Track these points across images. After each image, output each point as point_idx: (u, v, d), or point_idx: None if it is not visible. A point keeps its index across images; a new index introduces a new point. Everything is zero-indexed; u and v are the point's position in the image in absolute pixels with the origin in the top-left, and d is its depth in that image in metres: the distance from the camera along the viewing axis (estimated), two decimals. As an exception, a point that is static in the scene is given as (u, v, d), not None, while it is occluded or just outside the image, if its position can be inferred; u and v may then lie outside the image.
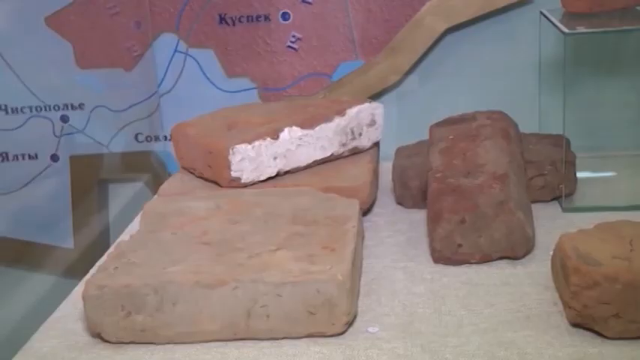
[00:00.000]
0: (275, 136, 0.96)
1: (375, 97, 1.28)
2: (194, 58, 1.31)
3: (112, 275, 0.75)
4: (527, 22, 1.18)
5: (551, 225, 0.92)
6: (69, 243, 1.37)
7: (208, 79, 1.31)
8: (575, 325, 0.72)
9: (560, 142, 1.01)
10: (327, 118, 1.00)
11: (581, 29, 0.94)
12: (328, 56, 1.30)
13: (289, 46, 1.30)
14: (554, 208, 0.98)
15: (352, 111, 1.01)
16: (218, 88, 1.32)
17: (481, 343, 0.71)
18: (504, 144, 0.92)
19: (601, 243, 0.75)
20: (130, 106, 1.33)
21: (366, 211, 0.98)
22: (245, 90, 1.31)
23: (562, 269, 0.74)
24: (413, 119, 1.26)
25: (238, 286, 0.73)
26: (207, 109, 1.12)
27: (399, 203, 1.01)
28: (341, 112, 1.01)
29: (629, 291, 0.69)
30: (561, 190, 0.98)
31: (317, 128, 0.99)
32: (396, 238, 0.93)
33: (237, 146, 0.93)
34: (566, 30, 0.93)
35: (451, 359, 0.69)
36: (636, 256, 0.72)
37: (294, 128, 0.97)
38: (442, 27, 1.25)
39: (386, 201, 1.03)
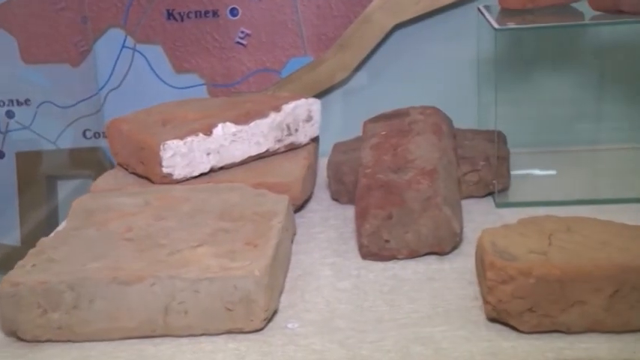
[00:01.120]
0: (208, 132, 0.95)
1: (324, 93, 1.28)
2: (142, 54, 1.30)
3: (28, 272, 0.74)
4: (473, 19, 1.19)
5: (483, 220, 0.92)
6: (15, 240, 1.36)
7: (157, 75, 1.31)
8: (493, 319, 0.72)
9: (497, 137, 1.01)
10: (263, 114, 0.99)
11: (512, 25, 0.94)
12: (277, 52, 1.29)
13: (238, 42, 1.29)
14: (488, 203, 0.98)
15: (288, 107, 1.01)
16: (167, 84, 1.31)
17: (398, 338, 0.71)
18: (435, 139, 0.92)
19: (521, 238, 0.75)
20: (77, 102, 1.32)
21: (300, 207, 0.98)
22: (194, 86, 1.31)
23: (481, 264, 0.75)
24: (361, 116, 1.26)
25: (156, 283, 0.72)
26: (155, 106, 1.12)
27: (335, 199, 1.01)
28: (277, 108, 1.00)
29: (542, 285, 0.69)
30: (498, 185, 0.98)
31: (252, 124, 0.98)
32: (328, 234, 0.93)
33: (168, 142, 0.92)
34: (496, 26, 0.93)
35: (367, 355, 0.69)
36: (553, 250, 0.72)
37: (228, 124, 0.97)
38: (390, 23, 1.25)
39: (322, 197, 1.03)
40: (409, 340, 0.71)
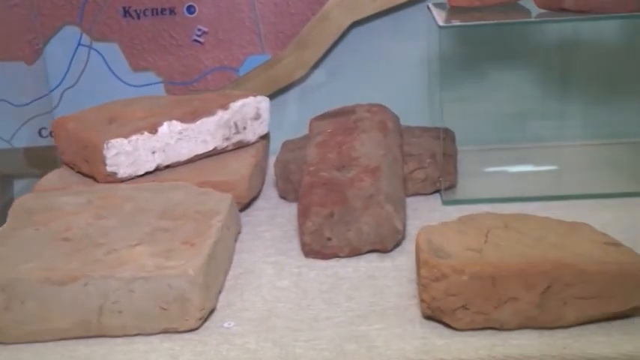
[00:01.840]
0: (153, 131, 0.95)
1: (281, 91, 1.27)
2: (98, 52, 1.29)
3: (-40, 273, 0.73)
4: (429, 17, 1.19)
5: (429, 218, 0.92)
6: (-30, 240, 1.35)
7: (113, 73, 1.29)
8: (428, 317, 0.72)
9: (443, 134, 1.01)
10: (210, 112, 0.99)
11: (456, 22, 0.94)
12: (235, 50, 1.29)
13: (195, 40, 1.28)
14: (435, 200, 0.98)
15: (236, 105, 1.01)
16: (124, 82, 1.29)
17: (333, 337, 0.71)
18: (381, 137, 0.92)
19: (458, 235, 0.75)
20: (32, 101, 1.30)
21: (247, 205, 0.97)
22: (151, 84, 1.30)
23: (417, 262, 0.75)
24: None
25: (89, 283, 0.72)
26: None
27: (283, 197, 1.00)
28: (224, 106, 1.00)
29: (475, 282, 0.69)
30: (445, 183, 0.98)
31: (198, 122, 0.98)
32: (273, 233, 0.92)
33: (112, 141, 0.92)
34: (440, 23, 0.93)
35: (300, 353, 0.69)
36: (488, 247, 0.73)
37: (174, 122, 0.96)
38: (348, 21, 1.24)
39: (271, 195, 1.03)
40: (344, 338, 0.71)
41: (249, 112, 1.02)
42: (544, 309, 0.69)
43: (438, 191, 0.99)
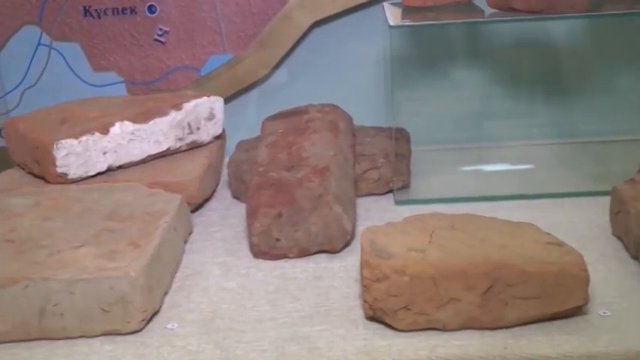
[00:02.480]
0: (105, 131, 0.94)
1: (243, 90, 1.27)
2: (59, 52, 1.28)
3: None
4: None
5: (381, 218, 0.91)
6: None
7: (74, 72, 1.28)
8: (371, 318, 0.72)
9: (398, 134, 1.01)
10: (162, 112, 0.98)
11: (407, 22, 0.94)
12: (196, 50, 1.28)
13: (156, 40, 1.27)
14: (388, 201, 0.98)
15: (189, 105, 1.00)
16: (85, 82, 1.28)
17: (275, 338, 0.71)
18: (331, 137, 0.92)
19: (402, 236, 0.75)
20: (-10, 101, 1.30)
21: (199, 206, 0.97)
22: (112, 84, 1.28)
23: (360, 263, 0.75)
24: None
25: (30, 285, 0.71)
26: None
27: (236, 197, 1.00)
28: (177, 106, 0.99)
29: (417, 283, 0.69)
30: (398, 183, 0.98)
31: (150, 122, 0.97)
32: (224, 233, 0.92)
33: (62, 141, 0.91)
34: (391, 23, 0.93)
35: (241, 355, 0.69)
36: (432, 248, 0.73)
37: (126, 123, 0.95)
38: (309, 21, 1.24)
39: (225, 195, 1.02)
40: (286, 339, 0.70)
41: (202, 113, 1.01)
42: (485, 309, 0.69)
43: (391, 191, 0.99)
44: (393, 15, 0.99)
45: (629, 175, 0.88)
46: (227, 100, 1.25)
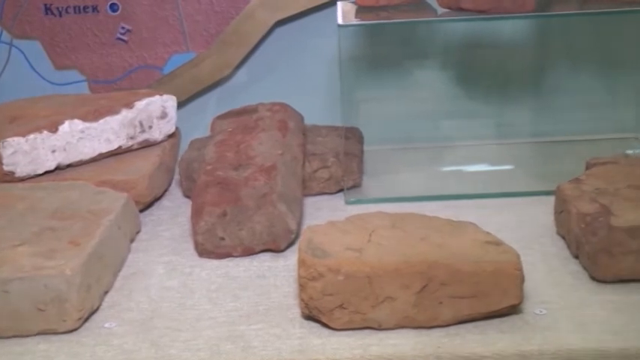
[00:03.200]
0: (53, 129, 0.93)
1: (207, 89, 1.27)
2: (19, 50, 1.27)
3: None
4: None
5: (330, 217, 0.89)
6: None
7: (36, 71, 1.27)
8: (308, 317, 0.72)
9: (350, 134, 1.01)
10: (113, 111, 0.98)
11: (355, 21, 0.94)
12: (159, 48, 1.27)
13: (119, 38, 1.27)
14: (339, 200, 0.98)
15: (141, 103, 1.00)
16: (46, 80, 1.27)
17: (211, 337, 0.70)
18: (280, 136, 0.92)
19: (342, 235, 0.75)
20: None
21: (149, 205, 0.97)
22: (75, 82, 1.28)
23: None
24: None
25: (-36, 284, 0.71)
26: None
27: (187, 196, 0.99)
28: (129, 105, 0.99)
29: (352, 282, 0.69)
30: (348, 182, 0.98)
31: (101, 121, 0.97)
32: (173, 232, 0.91)
33: (8, 139, 0.90)
34: (340, 22, 0.93)
35: (175, 354, 0.68)
36: (370, 247, 0.72)
37: (76, 121, 0.95)
38: (272, 20, 1.24)
39: (177, 194, 1.02)
40: (221, 338, 0.70)
41: (155, 111, 1.01)
42: (420, 308, 0.70)
43: (342, 190, 0.99)
44: (346, 14, 0.99)
45: (578, 175, 0.88)
46: (190, 99, 1.25)
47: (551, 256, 0.82)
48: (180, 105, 1.24)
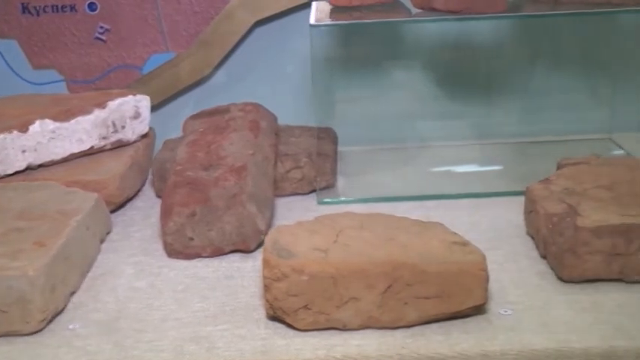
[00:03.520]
0: (24, 129, 0.93)
1: (186, 89, 1.26)
2: (-3, 49, 1.27)
3: None
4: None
5: (302, 217, 0.90)
6: None
7: (13, 70, 1.27)
8: (273, 318, 0.72)
9: (323, 134, 1.01)
10: (85, 111, 0.97)
11: (327, 21, 0.94)
12: (138, 48, 1.27)
13: (97, 38, 1.26)
14: (312, 200, 0.98)
15: (114, 103, 0.99)
16: (24, 80, 1.27)
17: (176, 338, 0.70)
18: (251, 136, 0.91)
19: (309, 235, 0.75)
20: None
21: (121, 205, 0.96)
22: (53, 82, 1.27)
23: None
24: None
25: None
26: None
27: (159, 196, 0.99)
28: (101, 105, 0.98)
29: (316, 282, 0.69)
30: (321, 183, 0.98)
31: (73, 121, 0.96)
32: (144, 232, 0.91)
33: (-22, 139, 0.90)
34: (312, 22, 0.93)
35: (138, 355, 0.68)
36: (336, 247, 0.72)
37: (47, 121, 0.94)
38: (251, 20, 1.24)
39: (150, 194, 1.01)
40: (186, 339, 0.70)
41: (128, 111, 1.01)
42: (385, 309, 0.69)
43: (315, 191, 0.99)
44: (320, 14, 0.99)
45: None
46: (169, 99, 1.25)
47: (519, 256, 0.82)
48: (160, 105, 1.24)
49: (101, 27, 1.25)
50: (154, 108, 1.25)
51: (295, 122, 1.10)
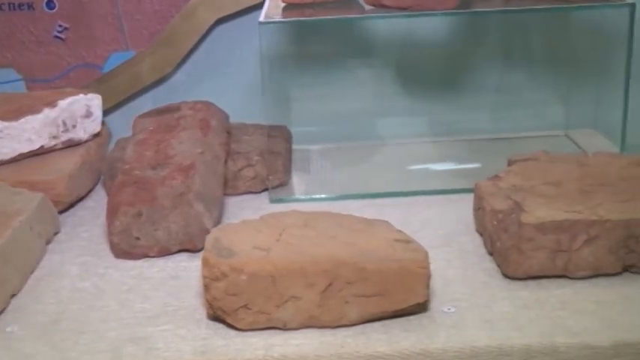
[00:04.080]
0: (-29, 129, 0.92)
1: (147, 88, 1.25)
2: (-49, 48, 1.25)
3: None
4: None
5: (253, 216, 0.90)
6: None
7: (-31, 69, 1.26)
8: (216, 318, 0.71)
9: (276, 132, 1.00)
10: (34, 110, 0.96)
11: (277, 18, 0.93)
12: (98, 47, 1.26)
13: (56, 36, 1.25)
14: (265, 199, 0.97)
15: (64, 102, 0.98)
16: (-19, 79, 1.26)
17: (115, 339, 0.69)
18: (200, 135, 0.91)
19: (252, 234, 0.74)
20: None
21: (71, 205, 0.95)
22: (11, 81, 1.25)
23: (204, 261, 0.74)
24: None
25: None
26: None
27: (111, 196, 0.99)
28: (51, 104, 0.97)
29: (255, 281, 0.68)
30: (274, 181, 0.97)
31: (22, 120, 0.95)
32: (92, 233, 0.90)
33: None
34: (261, 19, 0.93)
35: (75, 357, 0.67)
36: (278, 246, 0.71)
37: (-5, 120, 0.94)
38: (212, 18, 1.23)
39: (102, 194, 1.00)
40: (125, 340, 0.69)
41: (79, 110, 1.00)
42: (325, 308, 0.69)
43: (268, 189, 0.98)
44: (272, 11, 0.99)
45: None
46: (130, 98, 1.24)
47: (468, 253, 0.82)
48: (120, 104, 1.23)
49: (60, 25, 1.24)
50: (115, 107, 1.25)
51: (257, 121, 1.09)
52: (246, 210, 0.94)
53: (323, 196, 0.96)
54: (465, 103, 1.11)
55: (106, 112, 1.22)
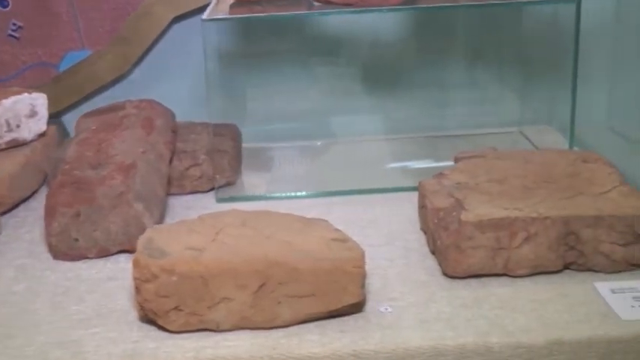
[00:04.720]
0: None
1: (104, 87, 1.24)
2: None
3: None
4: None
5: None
6: None
7: None
8: (148, 320, 0.70)
9: (224, 130, 0.99)
10: (-23, 110, 0.95)
11: (220, 15, 0.92)
12: (53, 46, 1.24)
13: (10, 35, 1.23)
14: (211, 198, 0.96)
15: (7, 102, 0.96)
16: None
17: (44, 343, 0.68)
18: (143, 134, 0.89)
19: (188, 234, 0.73)
20: None
21: (14, 206, 0.93)
22: (-36, 81, 1.25)
23: (138, 263, 0.72)
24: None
25: None
26: None
27: (56, 197, 0.97)
28: (-6, 103, 0.96)
29: (186, 283, 0.67)
30: (221, 180, 0.96)
31: (-37, 120, 0.94)
32: (33, 234, 0.88)
33: None
34: (204, 17, 0.91)
35: (-1, 363, 0.66)
36: (213, 246, 0.70)
37: None
38: (170, 16, 1.21)
39: (49, 195, 0.99)
40: (54, 344, 0.68)
41: (22, 110, 0.98)
42: (258, 309, 0.68)
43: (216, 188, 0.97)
44: (219, 7, 0.97)
45: (454, 170, 0.87)
46: (86, 98, 1.22)
47: (411, 252, 0.81)
48: (77, 103, 1.22)
49: (14, 24, 1.22)
50: (72, 106, 1.24)
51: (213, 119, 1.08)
52: (192, 210, 0.92)
53: (270, 194, 0.95)
54: (417, 101, 1.10)
55: (62, 112, 1.22)
